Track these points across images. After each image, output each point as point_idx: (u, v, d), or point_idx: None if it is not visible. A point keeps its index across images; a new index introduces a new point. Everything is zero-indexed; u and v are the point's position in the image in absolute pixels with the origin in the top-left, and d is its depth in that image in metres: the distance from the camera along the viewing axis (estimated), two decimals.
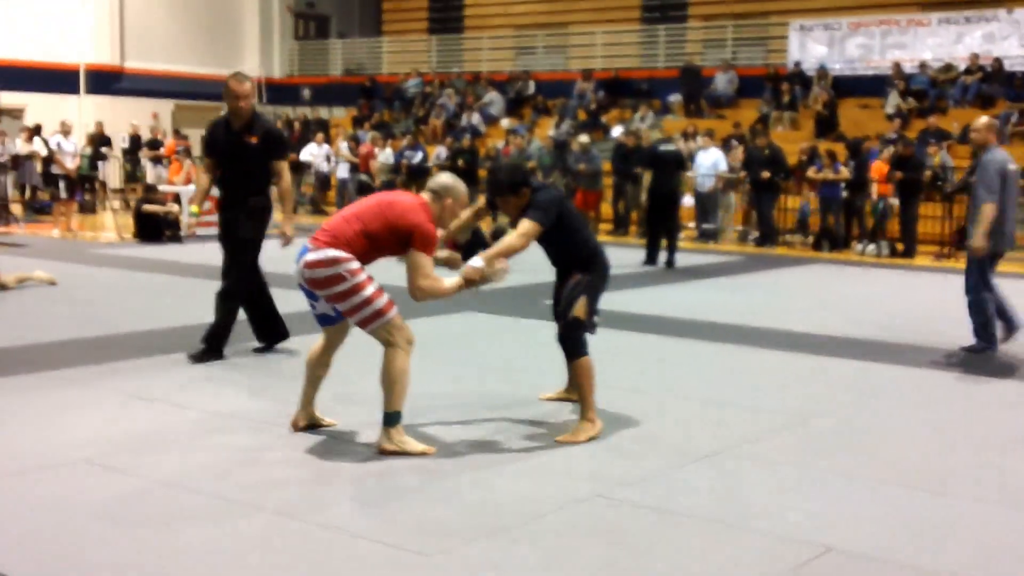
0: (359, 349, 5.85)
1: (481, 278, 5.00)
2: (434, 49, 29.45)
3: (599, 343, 5.63)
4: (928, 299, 11.25)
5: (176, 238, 15.29)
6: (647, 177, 14.96)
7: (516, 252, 5.18)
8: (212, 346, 7.04)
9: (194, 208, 7.48)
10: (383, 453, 4.93)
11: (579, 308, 5.29)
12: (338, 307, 4.94)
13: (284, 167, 7.23)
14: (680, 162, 14.39)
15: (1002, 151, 8.15)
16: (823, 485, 4.73)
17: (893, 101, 20.65)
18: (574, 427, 5.38)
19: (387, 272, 5.28)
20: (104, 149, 20.97)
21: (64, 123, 19.70)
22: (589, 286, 5.34)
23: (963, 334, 8.71)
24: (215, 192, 7.47)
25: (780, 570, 3.74)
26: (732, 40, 25.08)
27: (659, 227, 13.79)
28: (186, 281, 11.13)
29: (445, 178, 5.21)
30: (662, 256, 13.53)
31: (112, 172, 22.79)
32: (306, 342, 7.23)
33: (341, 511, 4.28)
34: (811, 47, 23.02)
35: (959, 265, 14.45)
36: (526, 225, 5.17)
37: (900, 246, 15.89)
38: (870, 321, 9.41)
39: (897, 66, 21.25)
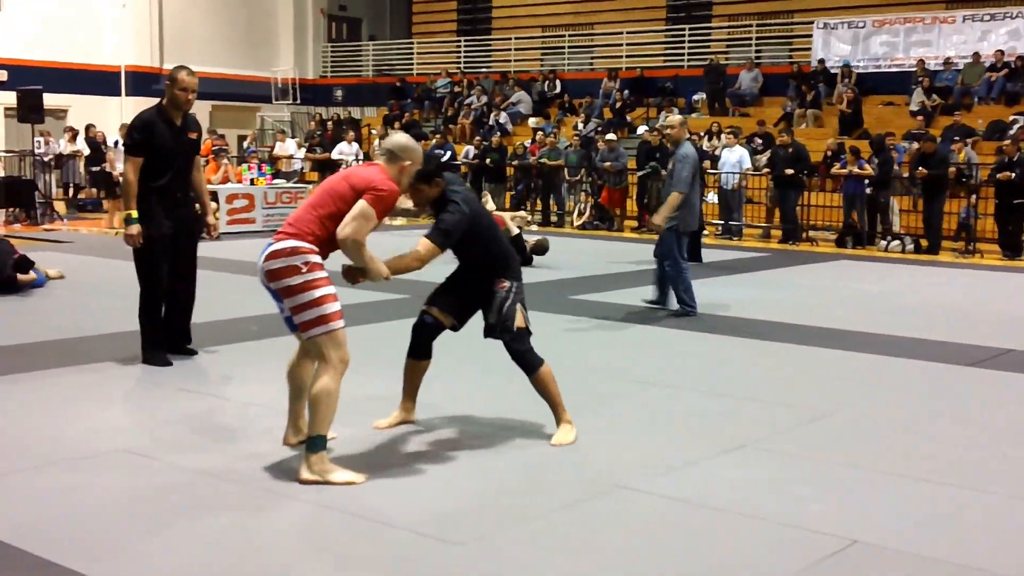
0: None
1: (364, 278, 4.72)
2: (463, 50, 29.79)
3: (620, 338, 5.74)
4: (952, 295, 11.31)
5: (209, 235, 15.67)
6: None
7: (411, 271, 4.93)
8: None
9: (133, 213, 6.68)
10: (303, 483, 4.46)
11: (520, 319, 5.13)
12: (287, 303, 4.51)
13: (199, 161, 7.19)
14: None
15: (692, 146, 9.29)
16: (848, 478, 4.75)
17: (917, 98, 20.75)
18: (560, 431, 5.25)
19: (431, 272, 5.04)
20: None
21: (124, 125, 20.14)
22: (519, 292, 5.19)
23: (987, 329, 8.84)
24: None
25: (805, 562, 3.76)
26: (756, 39, 25.23)
27: None
28: (221, 276, 11.49)
29: (400, 138, 4.86)
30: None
31: None
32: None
33: (372, 500, 4.35)
34: (835, 45, 23.14)
35: (984, 261, 14.68)
36: (427, 248, 4.87)
37: (924, 242, 16.01)
38: (894, 316, 9.48)
39: (921, 63, 21.34)
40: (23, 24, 25.20)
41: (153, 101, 7.15)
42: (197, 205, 7.29)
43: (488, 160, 20.42)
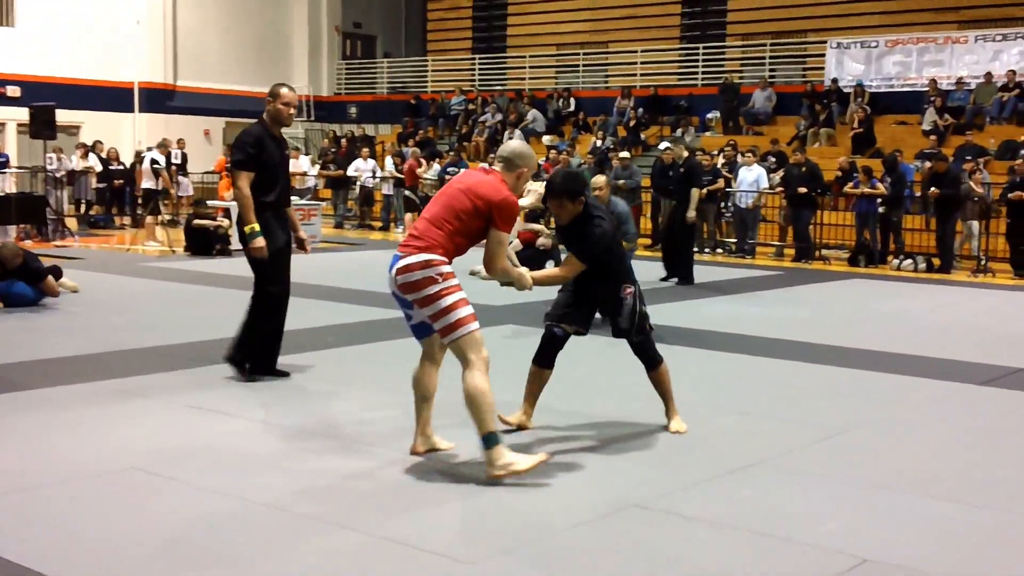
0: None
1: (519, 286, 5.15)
2: (477, 68, 29.91)
3: (631, 355, 5.77)
4: (964, 314, 11.30)
5: (226, 252, 15.76)
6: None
7: (556, 284, 5.57)
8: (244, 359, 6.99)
9: (256, 226, 6.73)
10: (494, 479, 4.70)
11: (647, 322, 5.65)
12: (424, 312, 4.79)
13: None
14: (688, 178, 13.68)
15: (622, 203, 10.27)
16: (859, 497, 4.76)
17: (930, 118, 20.76)
18: (674, 422, 5.78)
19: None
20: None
21: (165, 140, 20.34)
22: (641, 295, 5.62)
23: (999, 348, 8.82)
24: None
25: None
26: (770, 58, 25.29)
27: (670, 242, 13.85)
28: (232, 293, 11.53)
29: (517, 145, 5.11)
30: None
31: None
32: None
33: (375, 518, 4.38)
34: (848, 64, 23.17)
35: (996, 281, 14.65)
36: (575, 264, 5.36)
37: (936, 261, 15.99)
38: (906, 335, 9.48)
39: (934, 83, 21.36)
40: (37, 40, 25.43)
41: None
42: None
43: None
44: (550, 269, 5.35)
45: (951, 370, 7.87)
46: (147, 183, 18.65)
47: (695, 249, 14.21)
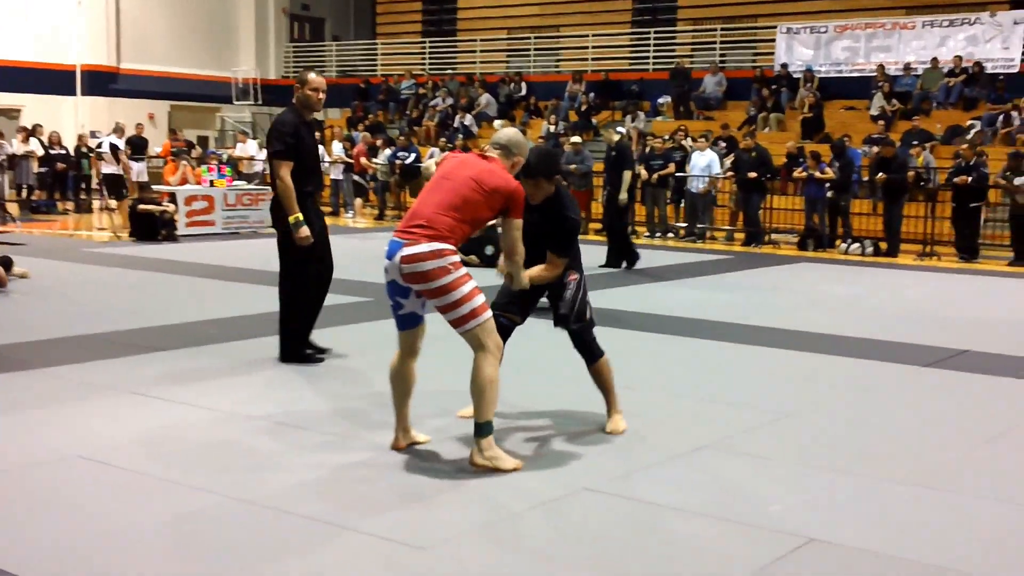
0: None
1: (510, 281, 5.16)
2: (427, 51, 29.74)
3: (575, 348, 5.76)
4: (911, 297, 11.42)
5: (171, 237, 15.56)
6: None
7: (545, 282, 5.36)
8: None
9: (299, 216, 6.77)
10: (475, 467, 4.69)
11: (589, 310, 5.49)
12: (434, 303, 4.68)
13: None
14: (618, 161, 13.65)
15: None
16: (808, 479, 4.80)
17: (878, 103, 20.96)
18: (612, 420, 5.54)
19: None
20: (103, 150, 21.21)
21: (118, 124, 19.99)
22: (585, 284, 5.50)
23: (944, 330, 8.96)
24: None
25: (762, 560, 3.80)
26: (720, 43, 25.39)
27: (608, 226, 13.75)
28: (179, 279, 11.38)
29: (513, 134, 5.04)
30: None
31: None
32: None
33: (329, 503, 4.37)
34: (798, 50, 23.33)
35: (942, 264, 14.82)
36: (557, 262, 5.26)
37: (884, 245, 16.16)
38: (855, 319, 9.56)
39: (882, 68, 21.56)
40: None
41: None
42: None
43: None
44: (540, 268, 5.20)
45: (898, 352, 7.95)
46: (108, 168, 18.33)
47: (631, 231, 14.07)
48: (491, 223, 5.65)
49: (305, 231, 6.76)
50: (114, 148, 18.20)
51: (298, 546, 3.87)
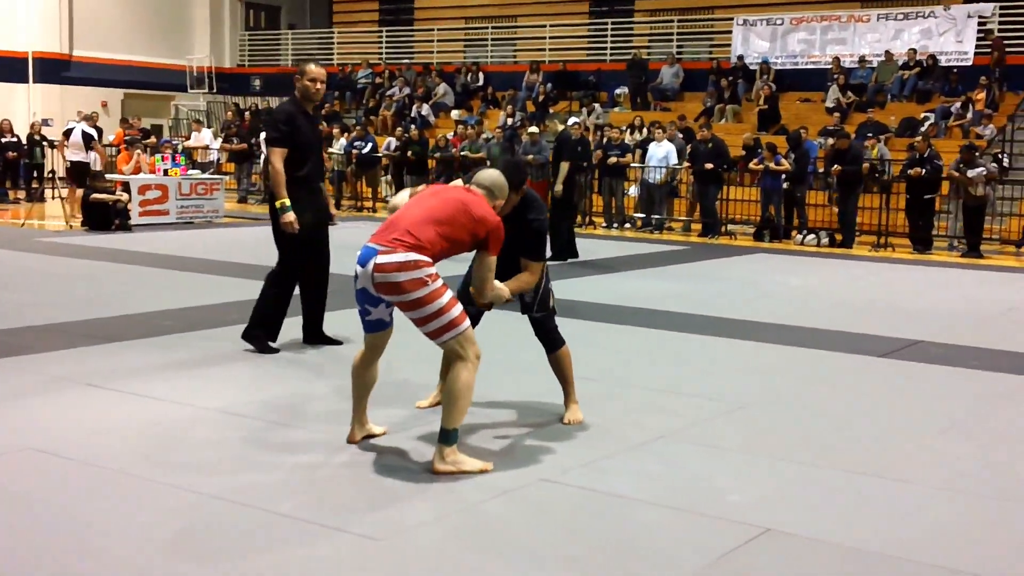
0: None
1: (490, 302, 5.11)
2: (384, 40, 29.58)
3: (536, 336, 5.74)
4: (866, 288, 11.51)
5: (125, 227, 15.37)
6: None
7: (528, 289, 5.34)
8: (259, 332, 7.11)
9: (286, 201, 6.86)
10: (436, 474, 4.58)
11: (551, 299, 5.50)
12: (410, 315, 4.60)
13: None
14: (557, 152, 13.68)
15: None
16: (764, 469, 4.83)
17: (833, 95, 21.13)
18: (570, 411, 5.55)
19: None
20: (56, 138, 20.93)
21: (93, 114, 19.68)
22: (547, 275, 5.50)
23: (898, 321, 9.05)
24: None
25: (719, 551, 3.82)
26: (677, 34, 25.47)
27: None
28: (133, 269, 11.25)
29: (497, 176, 5.01)
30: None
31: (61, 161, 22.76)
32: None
33: (280, 491, 4.35)
34: (754, 42, 23.48)
35: (896, 255, 14.98)
36: (537, 268, 5.26)
37: (839, 236, 16.31)
38: (811, 309, 9.63)
39: (837, 61, 21.73)
40: None
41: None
42: None
43: (410, 152, 20.29)
44: (520, 278, 5.18)
45: (854, 343, 8.01)
46: (76, 156, 18.06)
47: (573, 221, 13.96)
48: None
49: (289, 216, 6.80)
50: (87, 136, 17.99)
51: (260, 540, 3.84)
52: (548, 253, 11.96)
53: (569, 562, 3.71)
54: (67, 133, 18.59)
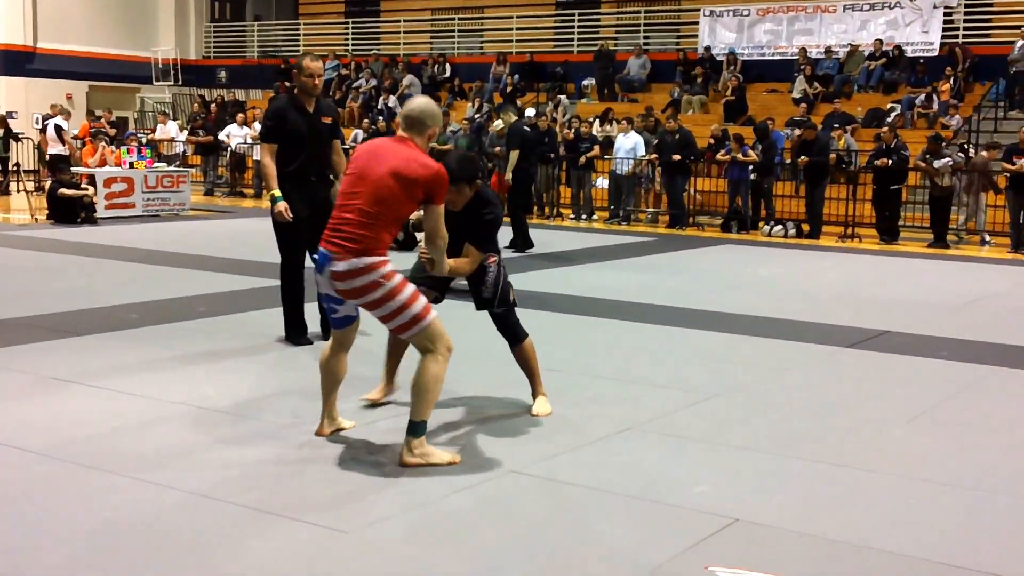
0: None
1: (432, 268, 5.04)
2: (351, 32, 29.42)
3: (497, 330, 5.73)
4: (833, 278, 11.59)
5: (91, 220, 15.22)
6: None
7: (463, 275, 5.33)
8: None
9: (276, 193, 6.87)
10: (404, 466, 4.58)
11: (511, 292, 5.49)
12: (374, 313, 4.62)
13: (339, 144, 7.32)
14: (508, 142, 13.86)
15: None
16: (731, 459, 4.84)
17: (800, 86, 21.21)
18: (537, 403, 5.55)
19: None
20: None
21: (61, 106, 19.60)
22: (505, 267, 5.49)
23: (864, 312, 9.11)
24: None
25: (688, 541, 3.83)
26: (644, 25, 25.48)
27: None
28: (99, 262, 11.15)
29: (423, 103, 4.85)
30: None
31: (26, 153, 22.48)
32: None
33: (247, 485, 4.35)
34: (721, 32, 23.53)
35: (863, 246, 15.08)
36: (476, 255, 5.25)
37: (806, 227, 16.39)
38: (778, 300, 9.69)
39: (803, 51, 21.81)
40: None
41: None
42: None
43: None
44: (461, 260, 5.17)
45: (820, 333, 8.06)
46: (55, 149, 17.99)
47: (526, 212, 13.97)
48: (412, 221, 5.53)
49: (280, 205, 6.82)
50: (59, 129, 17.92)
51: (225, 533, 3.82)
52: (505, 245, 12.06)
53: (533, 555, 3.71)
54: (44, 129, 18.69)
